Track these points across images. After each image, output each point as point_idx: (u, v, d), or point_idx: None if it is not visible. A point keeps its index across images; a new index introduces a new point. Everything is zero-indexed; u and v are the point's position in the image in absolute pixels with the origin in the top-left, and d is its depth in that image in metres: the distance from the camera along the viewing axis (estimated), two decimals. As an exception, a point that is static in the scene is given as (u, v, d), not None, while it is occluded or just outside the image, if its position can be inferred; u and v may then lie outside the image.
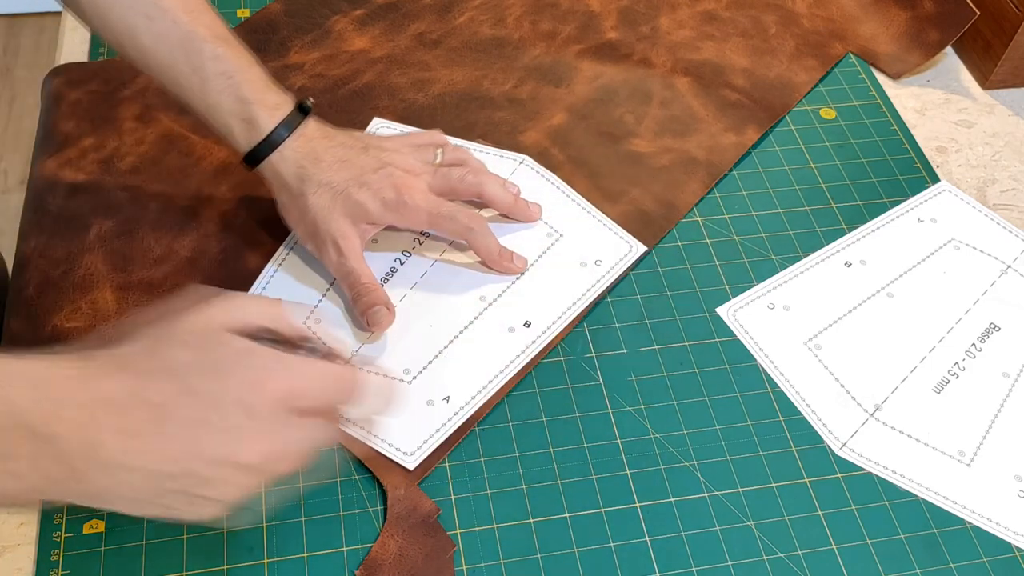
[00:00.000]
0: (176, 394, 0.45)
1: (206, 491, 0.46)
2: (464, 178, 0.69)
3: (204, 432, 0.45)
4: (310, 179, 0.66)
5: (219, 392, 0.46)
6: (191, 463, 0.45)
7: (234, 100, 0.65)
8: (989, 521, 0.62)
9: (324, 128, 0.68)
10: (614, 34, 0.89)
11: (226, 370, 0.46)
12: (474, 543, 0.59)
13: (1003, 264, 0.75)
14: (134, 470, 0.44)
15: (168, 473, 0.45)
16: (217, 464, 0.46)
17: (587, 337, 0.69)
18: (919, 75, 0.90)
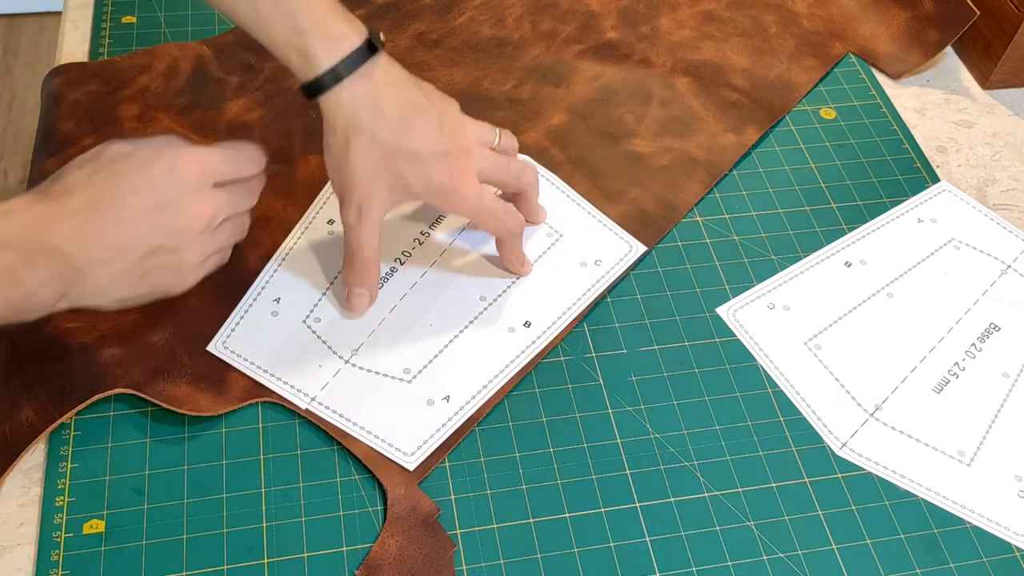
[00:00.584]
0: (123, 191, 0.57)
1: (176, 259, 0.58)
2: (520, 175, 0.68)
3: (156, 212, 0.57)
4: (362, 132, 0.62)
5: (152, 180, 0.57)
6: (156, 239, 0.57)
7: (289, 30, 0.61)
8: (989, 521, 0.62)
9: (394, 72, 0.64)
10: (614, 34, 0.89)
11: (150, 164, 0.58)
12: (474, 543, 0.59)
13: (1003, 264, 0.75)
14: (119, 259, 0.56)
15: (144, 253, 0.57)
16: (177, 234, 0.58)
17: (587, 337, 0.69)
18: (919, 75, 0.90)
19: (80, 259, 0.55)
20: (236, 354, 0.65)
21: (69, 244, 0.55)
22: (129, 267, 0.57)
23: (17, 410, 0.61)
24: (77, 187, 0.56)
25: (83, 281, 0.56)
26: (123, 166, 0.57)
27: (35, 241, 0.54)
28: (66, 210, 0.55)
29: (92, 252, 0.55)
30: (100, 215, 0.56)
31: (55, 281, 0.55)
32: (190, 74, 0.82)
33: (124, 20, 0.88)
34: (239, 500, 0.60)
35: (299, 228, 0.73)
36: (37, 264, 0.54)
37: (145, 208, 0.57)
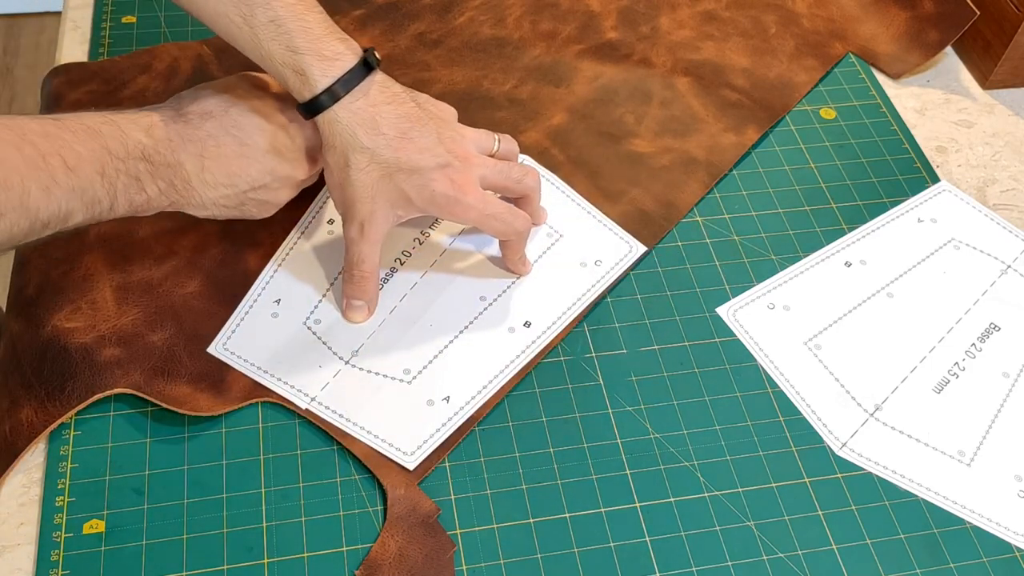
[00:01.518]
0: (252, 129, 0.64)
1: (272, 197, 0.66)
2: (522, 180, 0.68)
3: (273, 157, 0.64)
4: (361, 151, 0.63)
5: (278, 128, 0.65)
6: (265, 179, 0.64)
7: (285, 50, 0.62)
8: (989, 521, 0.62)
9: (390, 89, 0.64)
10: (614, 34, 0.89)
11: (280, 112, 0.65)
12: (474, 543, 0.59)
13: (1003, 264, 0.75)
14: (229, 186, 0.64)
15: (251, 187, 0.64)
16: (281, 179, 0.65)
17: (587, 337, 0.69)
18: (919, 75, 0.90)
19: (197, 179, 0.62)
20: (236, 356, 0.65)
21: (192, 163, 0.61)
22: (233, 194, 0.64)
23: (17, 410, 0.61)
24: (212, 114, 0.63)
25: (192, 195, 0.62)
26: (259, 106, 0.64)
27: (165, 155, 0.60)
28: (200, 132, 0.62)
29: (209, 175, 0.62)
30: (227, 145, 0.63)
31: (171, 190, 0.61)
32: (190, 74, 0.82)
33: (124, 20, 0.88)
34: (239, 500, 0.60)
35: (299, 228, 0.73)
36: (162, 175, 0.61)
37: (266, 149, 0.64)
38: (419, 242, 0.73)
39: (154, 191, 0.61)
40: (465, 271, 0.71)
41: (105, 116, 0.59)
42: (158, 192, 0.61)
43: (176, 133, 0.61)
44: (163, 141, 0.60)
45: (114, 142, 0.58)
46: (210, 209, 0.64)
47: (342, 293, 0.68)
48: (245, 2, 0.62)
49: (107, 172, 0.58)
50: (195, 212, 0.64)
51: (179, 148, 0.61)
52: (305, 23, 0.62)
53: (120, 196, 0.59)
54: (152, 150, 0.60)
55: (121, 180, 0.59)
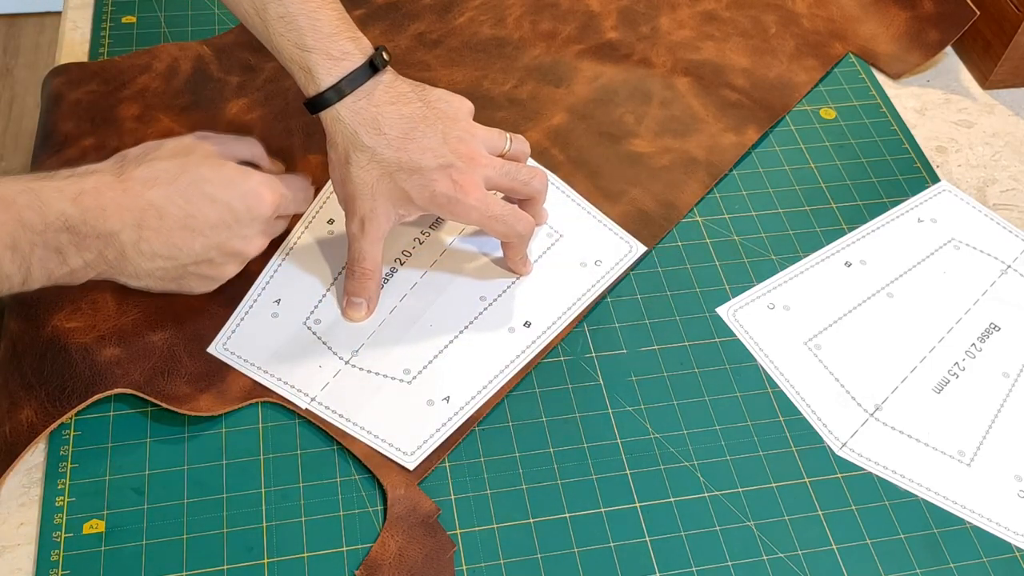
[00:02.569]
0: (202, 200, 0.59)
1: (215, 272, 0.63)
2: (529, 183, 0.67)
3: (223, 231, 0.60)
4: (362, 150, 0.63)
5: (233, 200, 0.60)
6: (210, 253, 0.61)
7: (293, 46, 0.62)
8: (989, 521, 0.62)
9: (396, 89, 0.64)
10: (614, 34, 0.89)
11: (237, 184, 0.61)
12: (474, 543, 0.59)
13: (1003, 264, 0.75)
14: (169, 258, 0.60)
15: (193, 261, 0.61)
16: (228, 255, 0.62)
17: (587, 337, 0.69)
18: (919, 75, 0.90)
19: (132, 249, 0.58)
20: (237, 356, 0.65)
21: (128, 233, 0.57)
22: (172, 267, 0.60)
23: (17, 410, 0.61)
24: (158, 181, 0.59)
25: (126, 266, 0.59)
26: (210, 175, 0.60)
27: (95, 226, 0.56)
28: (141, 201, 0.58)
29: (147, 246, 0.58)
30: (171, 216, 0.58)
31: (99, 262, 0.58)
32: (190, 74, 0.82)
33: (124, 20, 0.88)
34: (239, 500, 0.60)
35: (299, 228, 0.73)
36: (89, 247, 0.56)
37: (214, 223, 0.60)
38: (419, 242, 0.73)
39: (79, 263, 0.57)
40: (465, 271, 0.71)
41: (25, 184, 0.55)
42: (84, 264, 0.57)
43: (111, 201, 0.57)
44: (93, 210, 0.56)
45: (30, 213, 0.54)
46: (144, 280, 0.61)
47: (344, 290, 0.68)
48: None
49: (19, 246, 0.54)
50: (127, 282, 0.60)
51: (113, 217, 0.56)
52: (316, 20, 0.62)
53: (36, 270, 0.55)
54: (78, 220, 0.55)
55: (37, 253, 0.55)
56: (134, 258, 0.58)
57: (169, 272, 0.61)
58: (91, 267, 0.57)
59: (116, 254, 0.58)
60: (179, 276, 0.61)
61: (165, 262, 0.60)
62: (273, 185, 0.62)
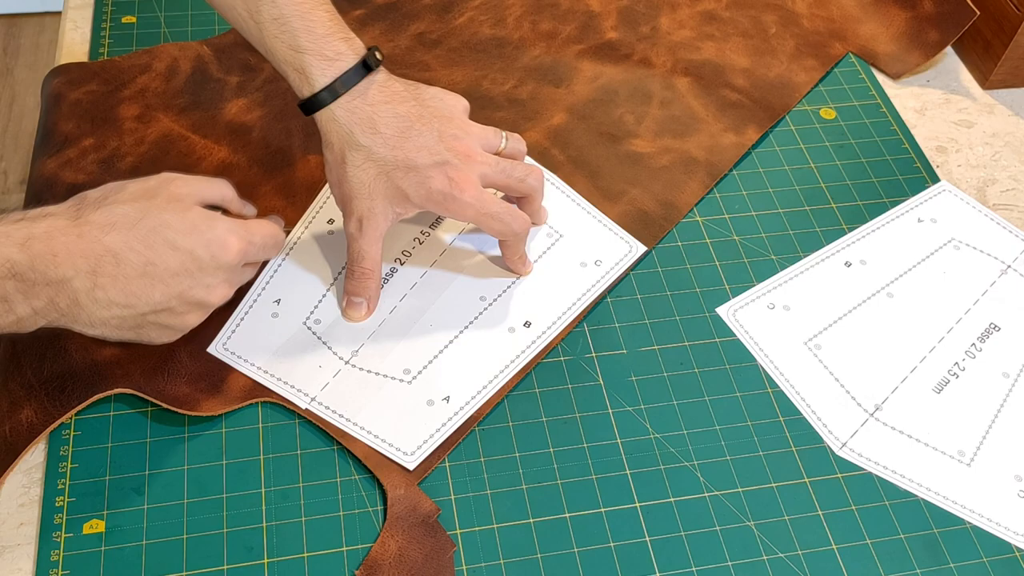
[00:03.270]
0: (163, 247, 0.56)
1: (176, 322, 0.59)
2: (525, 179, 0.67)
3: (184, 279, 0.57)
4: (358, 149, 0.63)
5: (196, 248, 0.57)
6: (171, 303, 0.58)
7: (287, 48, 0.62)
8: (989, 521, 0.62)
9: (389, 88, 0.64)
10: (614, 34, 0.89)
11: (201, 230, 0.58)
12: (474, 543, 0.59)
13: (1003, 264, 0.75)
14: (126, 307, 0.56)
15: (152, 310, 0.57)
16: (190, 304, 0.59)
17: (587, 337, 0.69)
18: (919, 75, 0.90)
19: (86, 297, 0.54)
20: (237, 355, 0.65)
21: (82, 280, 0.54)
22: (130, 316, 0.57)
23: (17, 410, 0.61)
24: (116, 226, 0.55)
25: (79, 314, 0.55)
26: (173, 220, 0.57)
27: (45, 272, 0.53)
28: (97, 247, 0.54)
29: (102, 294, 0.55)
30: (129, 263, 0.55)
31: (49, 309, 0.54)
32: (190, 74, 0.82)
33: (124, 20, 0.88)
34: (239, 500, 0.60)
35: (299, 228, 0.73)
36: (38, 294, 0.53)
37: (176, 271, 0.57)
38: (419, 242, 0.73)
39: (26, 311, 0.53)
40: (465, 271, 0.71)
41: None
42: (32, 312, 0.54)
43: (64, 246, 0.53)
44: (43, 257, 0.53)
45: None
46: (100, 329, 0.57)
47: (343, 289, 0.68)
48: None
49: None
50: (82, 331, 0.57)
51: (64, 263, 0.53)
52: (309, 22, 0.62)
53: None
54: (26, 267, 0.52)
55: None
56: (88, 306, 0.55)
57: (126, 321, 0.57)
58: (41, 315, 0.54)
59: (69, 302, 0.54)
60: (137, 325, 0.58)
61: (122, 310, 0.56)
62: (240, 232, 0.60)
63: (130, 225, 0.56)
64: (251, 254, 0.61)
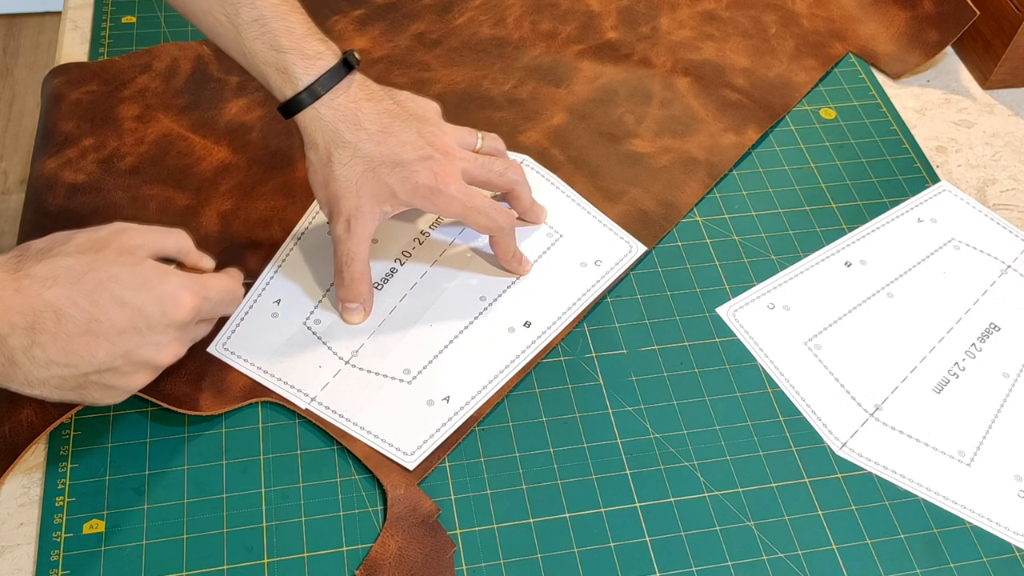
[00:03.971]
0: (109, 303, 0.52)
1: (122, 382, 0.55)
2: (504, 173, 0.68)
3: (132, 337, 0.53)
4: (344, 146, 0.63)
5: (145, 304, 0.53)
6: (116, 362, 0.53)
7: (268, 48, 0.62)
8: (989, 521, 0.62)
9: (369, 87, 0.65)
10: (614, 34, 0.89)
11: (152, 286, 0.54)
12: (474, 543, 0.59)
13: (1003, 264, 0.75)
14: (67, 366, 0.52)
15: (95, 370, 0.53)
16: (137, 364, 0.55)
17: (587, 337, 0.69)
18: (919, 75, 0.90)
19: (23, 355, 0.51)
20: (237, 355, 0.65)
21: (17, 337, 0.50)
22: (72, 376, 0.53)
23: (17, 410, 0.61)
24: (59, 280, 0.51)
25: (15, 373, 0.52)
26: (122, 275, 0.53)
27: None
28: (36, 301, 0.50)
29: (40, 352, 0.51)
30: (72, 320, 0.51)
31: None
32: (190, 74, 0.82)
33: (124, 20, 0.88)
34: (239, 500, 0.60)
35: (299, 228, 0.73)
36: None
37: (123, 329, 0.53)
38: (419, 242, 0.73)
39: None
40: (465, 271, 0.71)
41: None
42: None
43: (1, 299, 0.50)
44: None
45: None
46: (38, 389, 0.53)
47: (336, 297, 0.67)
48: (230, 1, 0.62)
49: None
50: (19, 390, 0.53)
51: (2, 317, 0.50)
52: (288, 23, 0.63)
53: None
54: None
55: None
56: (25, 365, 0.51)
57: (67, 381, 0.53)
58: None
59: (3, 360, 0.51)
60: (79, 386, 0.54)
61: (62, 370, 0.52)
62: (195, 287, 0.56)
63: (74, 279, 0.52)
64: (206, 311, 0.57)
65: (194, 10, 0.64)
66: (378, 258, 0.71)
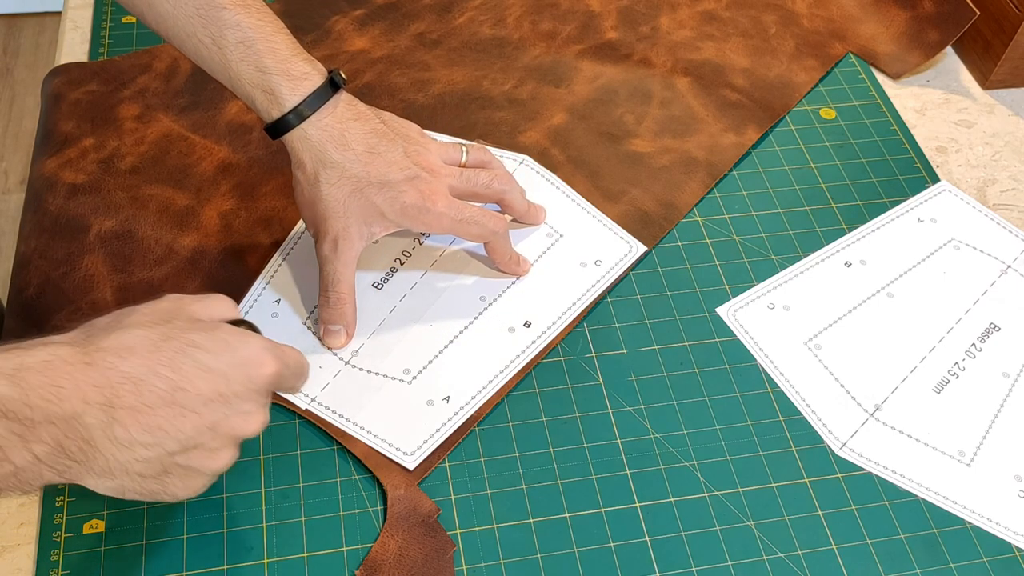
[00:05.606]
0: (192, 370, 0.48)
1: (207, 464, 0.50)
2: (490, 184, 0.68)
3: (219, 407, 0.49)
4: (332, 166, 0.63)
5: (230, 368, 0.50)
6: (202, 436, 0.49)
7: (254, 70, 0.62)
8: (989, 521, 0.62)
9: (356, 107, 0.65)
10: (614, 34, 0.89)
11: (234, 348, 0.50)
12: (474, 543, 0.59)
13: (1003, 264, 0.75)
14: (152, 445, 0.47)
15: (182, 446, 0.48)
16: (225, 437, 0.50)
17: (587, 337, 0.69)
18: (919, 75, 0.90)
19: (101, 436, 0.46)
20: (236, 354, 0.65)
21: (95, 415, 0.46)
22: (155, 458, 0.48)
23: (17, 410, 0.61)
24: (137, 349, 0.47)
25: (95, 458, 0.46)
26: (201, 340, 0.49)
27: (45, 408, 0.44)
28: (113, 374, 0.46)
29: (122, 431, 0.46)
30: (153, 390, 0.47)
31: (55, 458, 0.45)
32: (190, 74, 0.83)
33: (124, 20, 0.88)
34: (239, 500, 0.60)
35: (298, 228, 0.73)
36: (40, 437, 0.45)
37: (208, 398, 0.49)
38: (419, 242, 0.73)
39: (26, 459, 0.44)
40: (465, 271, 0.71)
41: None
42: (34, 460, 0.45)
43: (69, 376, 0.45)
44: (42, 388, 0.44)
45: None
46: (119, 478, 0.48)
47: (319, 318, 0.67)
48: (214, 23, 0.62)
49: None
50: (95, 484, 0.48)
51: (72, 396, 0.45)
52: (273, 44, 0.62)
53: None
54: (19, 403, 0.44)
55: None
56: (105, 447, 0.46)
57: (151, 465, 0.48)
58: (46, 464, 0.45)
59: (82, 444, 0.46)
60: (163, 471, 0.49)
61: (146, 451, 0.47)
62: (274, 351, 0.53)
63: (152, 348, 0.48)
64: (283, 378, 0.53)
65: (177, 33, 0.63)
66: (377, 259, 0.71)
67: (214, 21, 0.62)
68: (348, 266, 0.65)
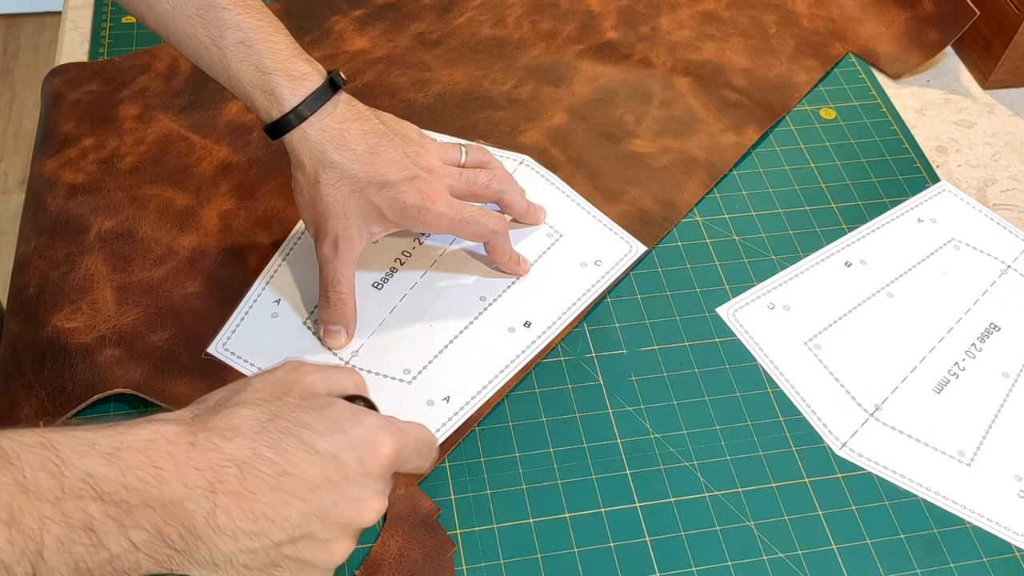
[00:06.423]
0: (298, 453, 0.45)
1: (319, 556, 0.46)
2: (489, 184, 0.68)
3: (327, 493, 0.45)
4: (331, 166, 0.63)
5: (340, 451, 0.46)
6: (312, 525, 0.45)
7: (254, 70, 0.62)
8: (989, 521, 0.62)
9: (355, 107, 0.65)
10: (614, 34, 0.89)
11: (344, 429, 0.46)
12: (474, 543, 0.59)
13: (1003, 264, 0.75)
14: (257, 535, 0.44)
15: (289, 536, 0.44)
16: (336, 526, 0.46)
17: (587, 337, 0.69)
18: (919, 75, 0.90)
19: (203, 524, 0.43)
20: (236, 356, 0.65)
21: (196, 500, 0.42)
22: (262, 549, 0.44)
23: (17, 410, 0.61)
24: (242, 429, 0.45)
25: (198, 548, 0.43)
26: (309, 420, 0.46)
27: (144, 492, 0.41)
28: (214, 456, 0.43)
29: (224, 518, 0.43)
30: (257, 474, 0.44)
31: (154, 546, 0.42)
32: (190, 74, 0.83)
33: (124, 20, 0.88)
34: (239, 500, 0.60)
35: (298, 228, 0.73)
36: (137, 522, 0.41)
37: (318, 482, 0.45)
38: (419, 242, 0.73)
39: (123, 546, 0.41)
40: (465, 271, 0.71)
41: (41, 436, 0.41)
42: (131, 547, 0.41)
43: (169, 458, 0.42)
44: (141, 469, 0.42)
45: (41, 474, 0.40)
46: (224, 571, 0.44)
47: (319, 319, 0.67)
48: (214, 23, 0.62)
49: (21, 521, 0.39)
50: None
51: (172, 479, 0.42)
52: (273, 44, 0.62)
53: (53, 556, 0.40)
54: (116, 484, 0.41)
55: (53, 532, 0.39)
56: (208, 536, 0.43)
57: (257, 557, 0.44)
58: (145, 552, 0.42)
59: (183, 532, 0.42)
60: (271, 563, 0.45)
61: (251, 541, 0.44)
62: (392, 429, 0.48)
63: (257, 428, 0.45)
64: (404, 458, 0.49)
65: (177, 34, 0.63)
66: (377, 259, 0.71)
67: (214, 21, 0.62)
68: (348, 266, 0.65)
